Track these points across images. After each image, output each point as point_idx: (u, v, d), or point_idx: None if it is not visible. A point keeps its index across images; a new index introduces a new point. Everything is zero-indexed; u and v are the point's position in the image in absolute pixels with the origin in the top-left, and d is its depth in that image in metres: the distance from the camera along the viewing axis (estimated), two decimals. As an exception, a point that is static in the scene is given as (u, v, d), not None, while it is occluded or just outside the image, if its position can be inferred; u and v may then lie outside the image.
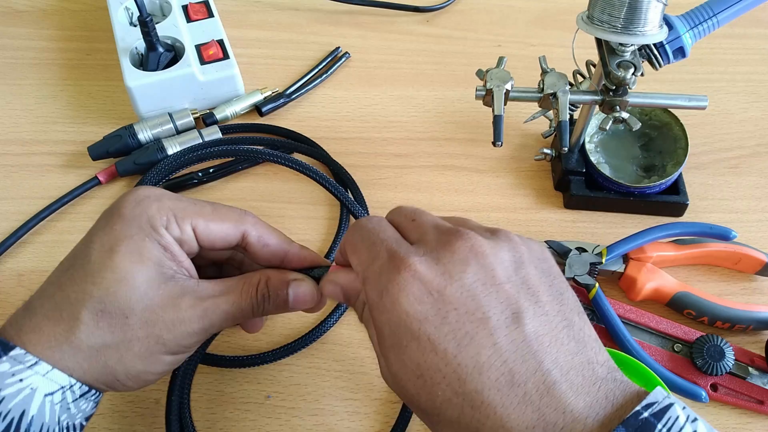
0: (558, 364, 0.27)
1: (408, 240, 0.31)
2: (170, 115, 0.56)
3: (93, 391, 0.32)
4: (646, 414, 0.25)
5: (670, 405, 0.26)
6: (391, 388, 0.30)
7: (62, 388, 0.31)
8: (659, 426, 0.25)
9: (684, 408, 0.26)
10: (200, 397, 0.43)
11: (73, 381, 0.31)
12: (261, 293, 0.34)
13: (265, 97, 0.59)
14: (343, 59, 0.64)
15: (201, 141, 0.55)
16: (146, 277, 0.31)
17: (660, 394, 0.26)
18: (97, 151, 0.54)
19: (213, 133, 0.56)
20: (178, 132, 0.56)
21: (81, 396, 0.31)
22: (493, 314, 0.27)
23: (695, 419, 0.26)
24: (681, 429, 0.25)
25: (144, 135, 0.54)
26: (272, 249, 0.36)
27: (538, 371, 0.27)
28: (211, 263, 0.39)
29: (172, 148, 0.54)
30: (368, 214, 0.52)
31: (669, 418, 0.25)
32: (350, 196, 0.52)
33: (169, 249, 0.32)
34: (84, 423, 0.33)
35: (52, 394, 0.30)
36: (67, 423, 0.31)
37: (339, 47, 0.65)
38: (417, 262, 0.29)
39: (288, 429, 0.43)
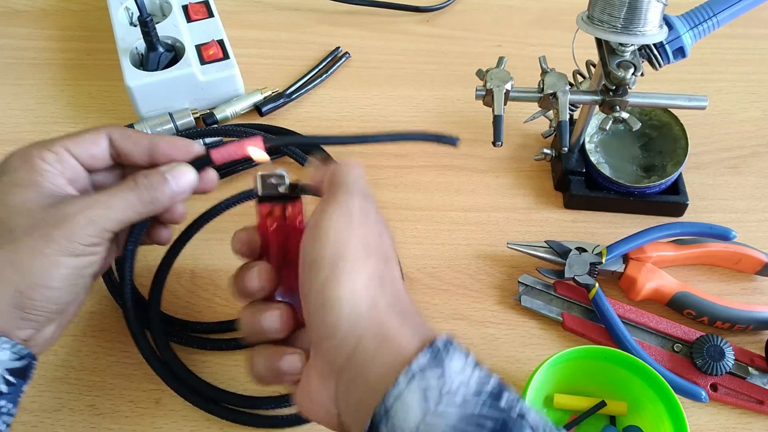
0: None
1: None
2: (170, 115, 0.56)
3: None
4: None
5: None
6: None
7: None
8: None
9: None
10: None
11: None
12: (140, 184, 0.36)
13: (265, 97, 0.59)
14: (343, 59, 0.64)
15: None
16: (23, 197, 0.34)
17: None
18: (97, 151, 0.54)
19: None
20: (179, 132, 0.56)
21: None
22: None
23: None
24: None
25: (144, 135, 0.54)
26: (136, 137, 0.38)
27: None
28: None
29: (172, 148, 0.54)
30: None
31: None
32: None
33: (45, 174, 0.35)
34: (9, 378, 0.33)
35: None
36: None
37: (339, 47, 0.65)
38: None
39: (289, 429, 0.43)
